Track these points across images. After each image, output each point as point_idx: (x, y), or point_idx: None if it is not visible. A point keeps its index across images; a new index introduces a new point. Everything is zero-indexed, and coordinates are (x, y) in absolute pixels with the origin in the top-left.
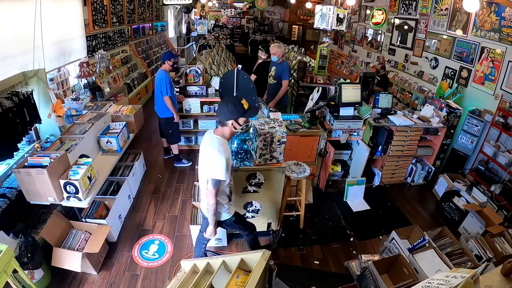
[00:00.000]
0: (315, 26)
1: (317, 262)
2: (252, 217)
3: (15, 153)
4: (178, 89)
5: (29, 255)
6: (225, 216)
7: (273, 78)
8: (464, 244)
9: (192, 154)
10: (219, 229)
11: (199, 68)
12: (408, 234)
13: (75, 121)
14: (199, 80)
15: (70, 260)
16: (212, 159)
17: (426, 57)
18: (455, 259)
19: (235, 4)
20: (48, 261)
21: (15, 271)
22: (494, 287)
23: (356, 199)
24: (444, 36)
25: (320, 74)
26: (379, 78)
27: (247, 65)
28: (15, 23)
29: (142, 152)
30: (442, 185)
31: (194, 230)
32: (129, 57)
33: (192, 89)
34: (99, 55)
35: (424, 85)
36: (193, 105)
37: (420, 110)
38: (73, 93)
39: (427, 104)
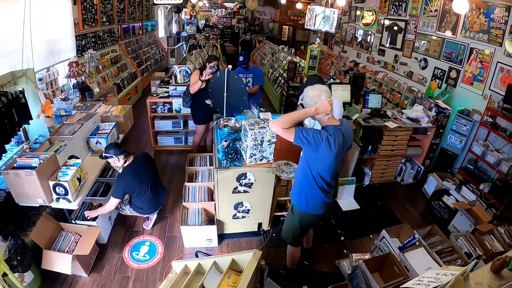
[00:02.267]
0: (315, 28)
1: (306, 263)
2: (243, 217)
3: (3, 155)
4: None
5: (18, 258)
6: None
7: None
8: (454, 242)
9: (182, 155)
10: (210, 229)
11: (189, 68)
12: (398, 233)
13: (64, 122)
14: (189, 80)
15: (60, 263)
16: None
17: (416, 58)
18: (445, 257)
19: (225, 4)
20: (38, 263)
21: (5, 274)
22: (484, 284)
23: (346, 199)
24: (434, 37)
25: (310, 74)
26: (351, 75)
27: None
28: (4, 22)
29: None
30: (431, 184)
31: (185, 231)
32: (118, 57)
33: (182, 89)
34: (89, 54)
35: (414, 86)
36: (183, 105)
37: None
38: (62, 93)
39: (416, 104)
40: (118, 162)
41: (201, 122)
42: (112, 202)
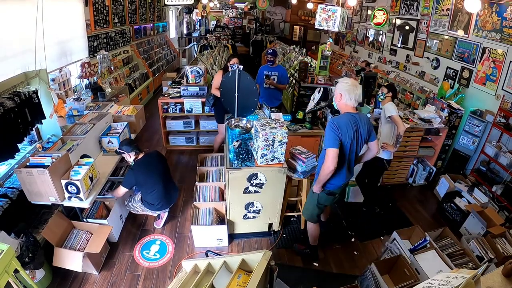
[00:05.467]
0: (337, 29)
1: (316, 264)
2: (254, 217)
3: (16, 154)
4: None
5: (30, 255)
6: None
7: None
8: (465, 245)
9: (193, 155)
10: (221, 229)
11: (200, 69)
12: (410, 235)
13: (77, 121)
14: (200, 80)
15: (71, 260)
16: None
17: (428, 58)
18: (456, 260)
19: (236, 4)
20: (49, 261)
21: (16, 271)
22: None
23: (357, 200)
24: (446, 37)
25: (322, 74)
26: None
27: (248, 66)
28: (17, 24)
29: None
30: (443, 186)
31: (195, 230)
32: (130, 57)
33: (194, 89)
34: (101, 55)
35: (426, 86)
36: (194, 105)
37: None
38: (75, 94)
39: (428, 104)
40: (129, 158)
41: (224, 121)
42: (120, 190)
